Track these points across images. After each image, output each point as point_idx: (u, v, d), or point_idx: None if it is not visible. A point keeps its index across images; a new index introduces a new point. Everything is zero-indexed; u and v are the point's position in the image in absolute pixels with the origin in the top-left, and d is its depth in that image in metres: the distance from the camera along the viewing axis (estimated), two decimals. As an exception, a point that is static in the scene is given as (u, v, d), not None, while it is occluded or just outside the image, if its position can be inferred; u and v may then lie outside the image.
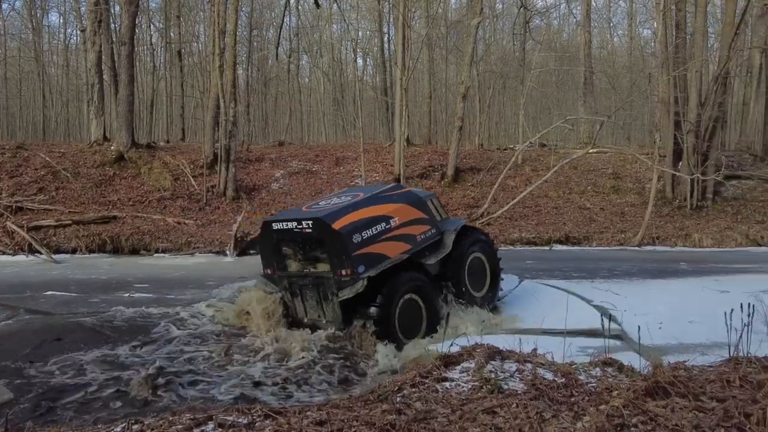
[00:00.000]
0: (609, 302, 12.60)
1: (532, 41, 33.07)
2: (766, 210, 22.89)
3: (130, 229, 17.85)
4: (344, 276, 9.28)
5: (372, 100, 41.15)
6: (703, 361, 7.43)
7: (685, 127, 21.81)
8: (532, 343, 7.78)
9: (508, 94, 37.32)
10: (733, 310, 6.95)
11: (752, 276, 15.48)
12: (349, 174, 23.26)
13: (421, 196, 10.97)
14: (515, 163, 24.03)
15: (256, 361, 8.60)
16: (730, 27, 21.17)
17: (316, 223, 9.35)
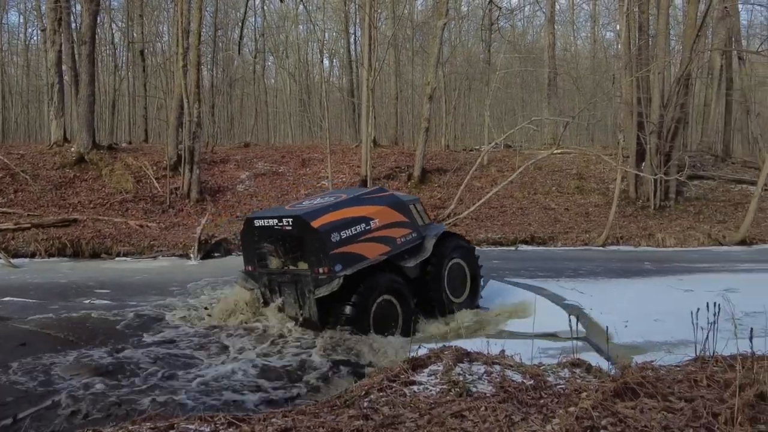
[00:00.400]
0: (575, 302, 12.67)
1: (497, 43, 33.24)
2: (728, 210, 23.23)
3: (91, 233, 17.47)
4: (321, 274, 9.39)
5: (338, 102, 40.94)
6: (670, 361, 7.44)
7: (648, 127, 22.03)
8: (500, 344, 7.74)
9: (474, 96, 37.44)
10: (699, 309, 6.98)
11: (715, 275, 15.66)
12: (315, 175, 23.09)
13: (404, 200, 11.09)
14: (481, 164, 24.06)
15: (227, 361, 8.48)
16: (691, 29, 21.43)
17: (296, 221, 9.52)
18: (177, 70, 21.52)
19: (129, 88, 33.87)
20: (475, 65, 34.85)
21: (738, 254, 18.96)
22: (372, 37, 22.64)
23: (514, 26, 40.45)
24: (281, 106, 43.29)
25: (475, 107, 38.78)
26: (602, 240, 19.79)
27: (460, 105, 36.01)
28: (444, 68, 30.10)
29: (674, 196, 23.33)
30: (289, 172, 23.26)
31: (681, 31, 28.33)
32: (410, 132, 36.52)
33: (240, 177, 22.45)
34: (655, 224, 21.60)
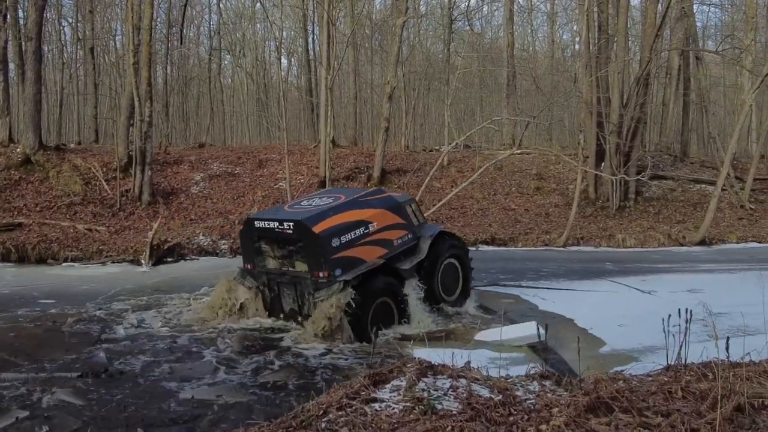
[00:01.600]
0: (540, 307, 12.41)
1: (455, 42, 33.04)
2: (687, 210, 23.31)
3: (37, 237, 16.68)
4: (321, 278, 9.73)
5: (297, 102, 40.40)
6: (641, 370, 7.19)
7: (608, 127, 21.97)
8: (465, 354, 7.40)
9: (433, 96, 37.21)
10: (671, 316, 6.73)
11: (677, 276, 15.62)
12: (272, 176, 22.54)
13: (400, 201, 11.41)
14: (441, 165, 23.77)
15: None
16: (651, 28, 21.42)
17: (296, 225, 9.78)
18: (128, 67, 20.79)
19: (78, 87, 32.84)
20: (434, 65, 34.62)
21: (698, 254, 18.99)
22: (330, 35, 22.20)
23: (472, 26, 40.34)
24: (238, 105, 42.54)
25: (434, 108, 38.56)
26: (563, 240, 19.65)
27: (419, 105, 35.74)
28: (403, 68, 29.77)
29: (634, 197, 23.34)
30: (245, 173, 22.66)
31: (639, 32, 28.44)
32: (369, 132, 36.17)
33: (194, 178, 21.79)
34: (615, 224, 21.55)
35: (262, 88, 40.33)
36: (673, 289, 14.07)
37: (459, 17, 31.35)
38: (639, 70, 22.47)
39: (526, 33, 42.68)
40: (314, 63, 35.96)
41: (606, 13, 23.01)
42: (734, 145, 21.21)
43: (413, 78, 33.36)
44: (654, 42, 21.55)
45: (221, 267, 15.69)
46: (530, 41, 43.44)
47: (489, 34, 43.35)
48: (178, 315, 11.14)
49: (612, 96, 22.83)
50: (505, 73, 31.08)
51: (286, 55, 43.35)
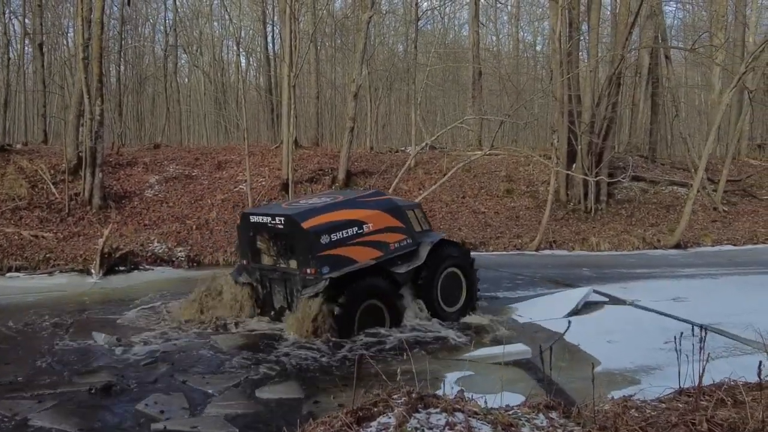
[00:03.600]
0: (519, 322, 11.68)
1: (421, 40, 32.36)
2: (660, 212, 22.90)
3: (-23, 245, 15.47)
4: (309, 274, 9.70)
5: (256, 102, 39.37)
6: (646, 393, 6.49)
7: (580, 128, 21.41)
8: (457, 375, 6.60)
9: (395, 96, 36.50)
10: (683, 334, 6.04)
11: (657, 282, 15.03)
12: (232, 179, 21.48)
13: (401, 204, 11.37)
14: (408, 167, 22.98)
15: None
16: (623, 26, 20.94)
17: (287, 220, 9.87)
18: (77, 63, 19.58)
19: (25, 84, 31.29)
20: (397, 64, 33.90)
21: (675, 258, 18.55)
22: (293, 31, 21.22)
23: (436, 25, 39.81)
24: (195, 105, 41.25)
25: (397, 108, 37.85)
26: (536, 245, 19.05)
27: (382, 106, 35.00)
28: (367, 66, 28.97)
29: (606, 199, 22.85)
30: (203, 175, 21.56)
31: (609, 30, 28.08)
32: (331, 133, 35.28)
33: (149, 181, 20.61)
34: (587, 228, 21.03)
35: (220, 87, 39.16)
36: (656, 297, 13.53)
37: (423, 16, 30.63)
38: (611, 69, 21.97)
39: (490, 32, 42.28)
40: (273, 62, 34.99)
41: (577, 9, 22.48)
42: (710, 145, 20.84)
43: (376, 78, 32.60)
44: (626, 39, 21.09)
45: (177, 279, 14.72)
46: (494, 41, 43.06)
47: (452, 34, 42.94)
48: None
49: (584, 95, 22.32)
50: (471, 73, 30.49)
51: (245, 54, 42.35)
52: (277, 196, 20.58)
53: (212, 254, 16.64)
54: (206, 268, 16.03)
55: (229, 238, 17.60)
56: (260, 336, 9.88)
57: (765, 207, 24.64)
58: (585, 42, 23.60)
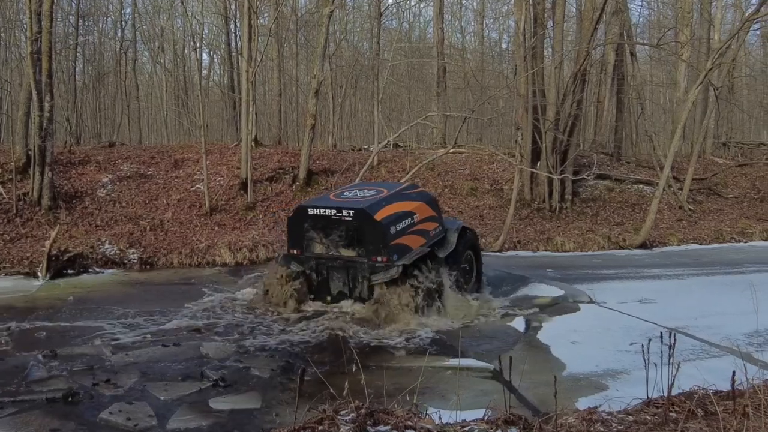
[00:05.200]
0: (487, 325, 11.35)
1: (384, 39, 31.97)
2: (625, 211, 22.74)
3: None
4: (379, 262, 10.73)
5: (219, 101, 38.62)
6: (614, 404, 6.13)
7: (545, 125, 21.11)
8: (415, 382, 6.15)
9: (360, 94, 36.03)
10: (651, 340, 5.70)
11: (623, 283, 14.83)
12: (189, 178, 20.77)
13: (433, 196, 12.99)
14: (371, 165, 22.52)
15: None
16: (588, 23, 20.70)
17: (358, 213, 10.82)
18: (26, 57, 18.74)
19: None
20: (361, 62, 33.44)
21: (641, 258, 18.36)
22: (252, 25, 20.65)
23: (400, 23, 39.45)
24: (156, 103, 40.32)
25: (361, 106, 37.39)
26: (499, 245, 18.64)
27: (347, 104, 34.51)
28: (330, 62, 28.43)
29: (570, 197, 22.59)
30: (159, 174, 20.81)
31: (574, 26, 27.89)
32: (295, 132, 34.65)
33: (101, 180, 19.81)
34: (552, 227, 20.75)
35: (182, 85, 38.31)
36: (622, 299, 13.30)
37: (386, 11, 30.20)
38: (576, 66, 21.70)
39: (455, 29, 42.05)
40: (236, 59, 34.29)
41: (542, 5, 22.19)
42: (676, 143, 20.68)
43: (340, 75, 32.08)
44: (592, 36, 20.86)
45: (127, 282, 14.12)
46: (460, 38, 42.81)
47: (416, 32, 42.64)
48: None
49: (548, 92, 22.03)
50: (435, 70, 30.12)
51: (208, 50, 41.55)
52: (236, 195, 19.97)
53: (166, 256, 16.01)
54: (160, 270, 15.47)
55: (185, 239, 17.00)
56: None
57: (730, 206, 24.68)
58: (550, 38, 23.31)
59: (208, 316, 11.29)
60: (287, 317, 11.19)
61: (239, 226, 18.47)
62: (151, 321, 10.82)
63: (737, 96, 36.15)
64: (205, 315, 11.34)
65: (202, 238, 17.18)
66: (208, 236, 17.36)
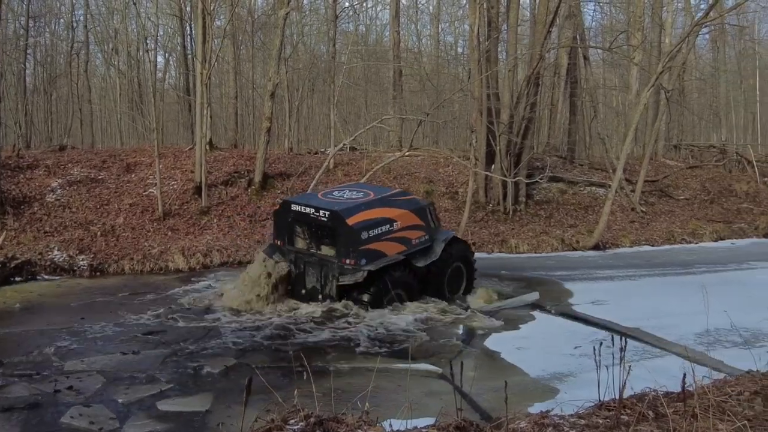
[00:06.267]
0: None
1: (341, 43, 31.86)
2: (578, 213, 22.97)
3: None
4: (347, 264, 11.23)
5: (174, 104, 38.07)
6: (565, 406, 6.17)
7: (499, 128, 21.24)
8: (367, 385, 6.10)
9: (317, 97, 35.85)
10: (602, 343, 5.70)
11: (576, 285, 15.01)
12: (142, 182, 20.40)
13: (422, 204, 12.94)
14: (327, 168, 22.41)
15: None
16: (542, 26, 20.86)
17: (332, 215, 11.31)
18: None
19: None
20: (318, 64, 33.29)
21: (594, 260, 18.58)
22: (206, 27, 20.40)
23: (357, 25, 39.37)
24: (109, 105, 39.58)
25: (318, 109, 37.21)
26: (455, 247, 18.65)
27: (304, 107, 34.30)
28: (286, 65, 28.24)
29: (524, 200, 22.75)
30: (110, 178, 20.39)
31: (528, 30, 28.09)
32: (251, 135, 34.32)
33: (51, 185, 19.34)
34: (506, 229, 20.87)
35: (136, 87, 37.67)
36: (575, 300, 13.51)
37: (341, 14, 30.09)
38: (529, 68, 21.87)
39: (411, 32, 42.12)
40: (192, 60, 33.85)
41: (497, 8, 22.31)
42: (628, 146, 20.97)
43: (297, 78, 31.88)
44: (545, 39, 21.04)
45: (77, 290, 13.82)
46: (415, 42, 42.90)
47: (373, 34, 42.61)
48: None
49: (502, 95, 22.15)
50: (391, 73, 30.12)
51: (163, 53, 40.97)
52: (190, 199, 19.65)
53: (118, 262, 15.71)
54: (110, 277, 15.18)
55: (137, 245, 16.71)
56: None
57: (681, 207, 25.10)
58: (504, 42, 23.46)
59: (160, 321, 11.16)
60: (242, 319, 11.17)
61: (193, 231, 18.21)
62: (101, 328, 10.65)
63: (688, 99, 36.80)
64: (157, 320, 11.21)
65: (155, 243, 16.89)
66: (161, 242, 17.09)
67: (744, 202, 26.44)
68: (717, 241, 22.08)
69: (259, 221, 19.27)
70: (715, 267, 17.53)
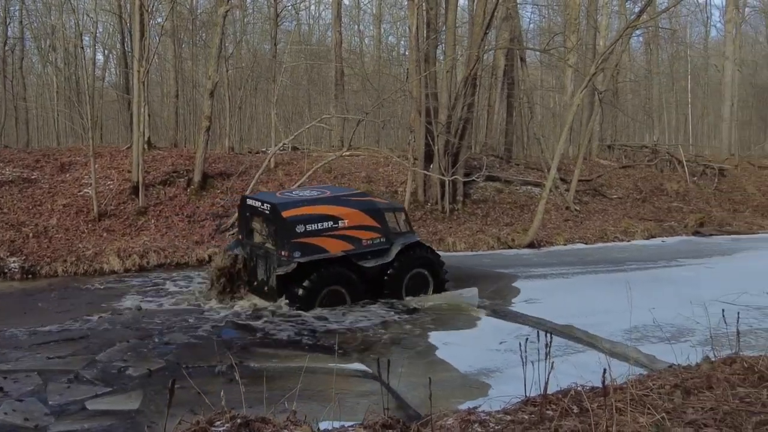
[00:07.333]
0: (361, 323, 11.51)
1: (283, 42, 31.78)
2: (514, 212, 23.37)
3: None
4: (283, 256, 11.63)
5: (114, 103, 37.37)
6: (493, 403, 6.28)
7: (437, 128, 21.52)
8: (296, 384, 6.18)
9: (260, 96, 35.69)
10: (528, 338, 5.85)
11: (510, 282, 15.21)
12: (77, 182, 20.06)
13: (381, 207, 13.01)
14: (268, 168, 22.38)
15: None
16: (479, 27, 21.21)
17: (272, 208, 11.86)
18: None
19: None
20: (261, 63, 33.13)
21: (529, 257, 18.92)
22: (144, 23, 20.20)
23: (299, 25, 39.33)
24: (45, 104, 38.65)
25: (261, 107, 37.03)
26: (394, 246, 18.84)
27: (246, 105, 34.09)
28: (227, 63, 28.06)
29: (462, 199, 23.08)
30: (44, 178, 19.99)
31: (466, 32, 28.46)
32: (192, 134, 33.98)
33: (-19, 185, 18.94)
34: (444, 228, 21.15)
35: (74, 85, 36.88)
36: (509, 298, 13.73)
37: (282, 12, 30.03)
38: (467, 69, 22.21)
39: (353, 33, 42.24)
40: (131, 59, 33.29)
41: (435, 10, 22.60)
42: (562, 145, 21.47)
43: (239, 77, 31.69)
44: (482, 40, 21.38)
45: (6, 292, 13.58)
46: (358, 42, 43.05)
47: (316, 34, 42.61)
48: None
49: (440, 95, 22.46)
50: (333, 72, 30.18)
51: (103, 50, 40.22)
52: (126, 200, 19.43)
53: (50, 264, 15.46)
54: (42, 279, 14.94)
55: (71, 247, 16.46)
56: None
57: (614, 206, 25.74)
58: (443, 43, 23.76)
59: (90, 323, 11.07)
60: (178, 318, 11.16)
61: (130, 232, 18.00)
62: (33, 330, 10.51)
63: (622, 100, 37.73)
64: (88, 322, 11.12)
65: (90, 245, 16.66)
66: (96, 243, 16.86)
67: (674, 200, 27.29)
68: (648, 239, 22.61)
69: (198, 221, 19.16)
70: (646, 264, 17.99)
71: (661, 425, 4.98)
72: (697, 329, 10.39)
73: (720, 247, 20.97)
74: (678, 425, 5.07)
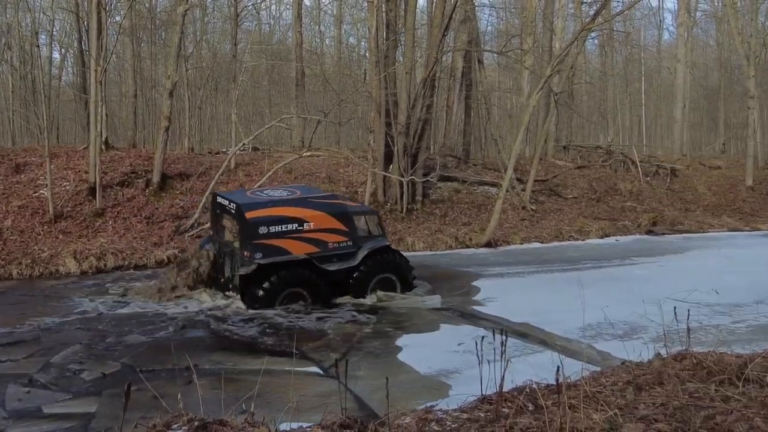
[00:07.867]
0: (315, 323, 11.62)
1: (244, 42, 31.71)
2: (472, 212, 23.66)
3: None
4: (245, 256, 11.78)
5: (71, 102, 36.81)
6: (450, 402, 6.43)
7: (396, 128, 21.74)
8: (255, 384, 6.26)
9: (221, 96, 35.53)
10: (484, 338, 6.05)
11: (468, 281, 15.43)
12: (32, 183, 19.82)
13: (349, 210, 13.02)
14: (228, 168, 22.36)
15: None
16: (437, 29, 21.48)
17: (237, 208, 11.97)
18: None
19: None
20: (221, 63, 33.00)
21: (486, 257, 19.19)
22: (101, 22, 20.05)
23: (260, 25, 39.23)
24: (0, 103, 37.95)
25: (222, 107, 36.86)
26: (353, 246, 18.97)
27: (207, 105, 33.92)
28: (187, 63, 27.92)
29: (421, 199, 23.32)
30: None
31: (425, 34, 28.73)
32: (151, 134, 33.68)
33: (-69, 187, 18.62)
34: (404, 228, 21.35)
35: (30, 84, 36.28)
36: (466, 297, 13.89)
37: (242, 12, 29.97)
38: (425, 71, 22.46)
39: (314, 33, 42.26)
40: (89, 58, 32.85)
41: (395, 11, 22.81)
42: (518, 146, 21.82)
43: (199, 76, 31.52)
44: (440, 42, 21.64)
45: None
46: (318, 43, 43.09)
47: (277, 34, 42.55)
48: None
49: (399, 97, 22.67)
50: (294, 73, 30.20)
51: (59, 48, 39.56)
52: (83, 201, 19.26)
53: (5, 267, 15.30)
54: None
55: (26, 249, 16.30)
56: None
57: (570, 205, 26.18)
58: (402, 44, 23.98)
59: (43, 325, 11.01)
60: (132, 320, 11.16)
61: (87, 234, 17.86)
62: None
63: (577, 102, 38.32)
64: (41, 325, 11.06)
65: (45, 247, 16.51)
66: (52, 245, 16.71)
67: (628, 200, 27.86)
68: (602, 238, 23.02)
69: (157, 222, 19.09)
70: (600, 263, 18.33)
71: (614, 421, 5.12)
72: (649, 326, 10.65)
73: (672, 246, 21.44)
74: (630, 421, 5.21)
